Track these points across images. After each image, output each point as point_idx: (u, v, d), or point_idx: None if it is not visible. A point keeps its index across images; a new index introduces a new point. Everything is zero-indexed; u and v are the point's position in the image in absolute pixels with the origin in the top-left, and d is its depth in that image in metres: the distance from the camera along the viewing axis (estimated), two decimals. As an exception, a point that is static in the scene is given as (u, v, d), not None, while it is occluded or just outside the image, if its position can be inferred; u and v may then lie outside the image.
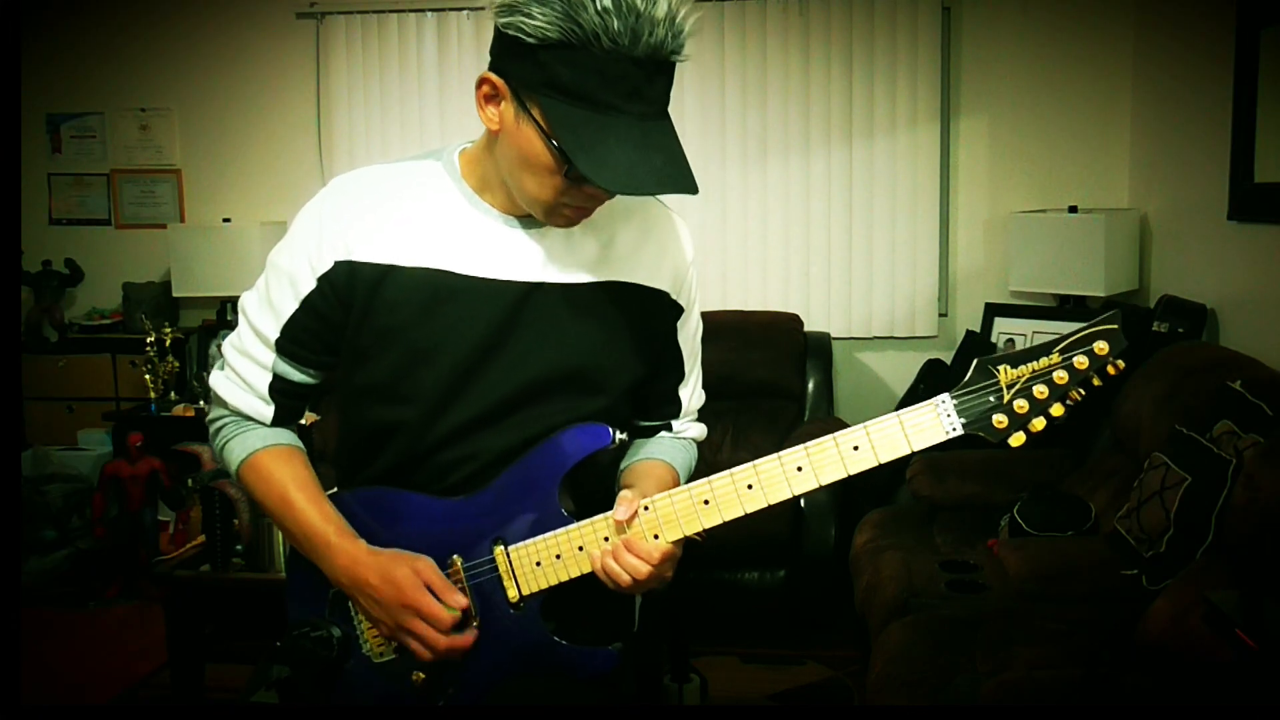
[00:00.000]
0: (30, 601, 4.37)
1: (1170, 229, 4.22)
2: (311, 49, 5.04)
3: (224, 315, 5.01)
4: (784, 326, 4.62)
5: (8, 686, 1.88)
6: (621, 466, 1.62)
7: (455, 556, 1.48)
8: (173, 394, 4.77)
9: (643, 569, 1.39)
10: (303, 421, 1.61)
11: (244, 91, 5.17)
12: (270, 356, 1.52)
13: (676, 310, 1.59)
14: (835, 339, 4.76)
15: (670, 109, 1.40)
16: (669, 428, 1.67)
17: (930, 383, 4.44)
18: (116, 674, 3.77)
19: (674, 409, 1.66)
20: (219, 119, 5.21)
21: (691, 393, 1.67)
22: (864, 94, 4.69)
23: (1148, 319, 3.90)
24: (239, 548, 3.07)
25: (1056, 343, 1.33)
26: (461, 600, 1.45)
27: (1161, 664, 2.29)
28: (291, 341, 1.51)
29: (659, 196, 1.57)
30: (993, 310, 4.62)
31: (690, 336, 1.64)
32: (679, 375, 1.64)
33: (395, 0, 4.92)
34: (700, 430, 1.71)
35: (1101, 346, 1.32)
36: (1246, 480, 2.44)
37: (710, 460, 1.69)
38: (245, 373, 1.54)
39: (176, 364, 4.80)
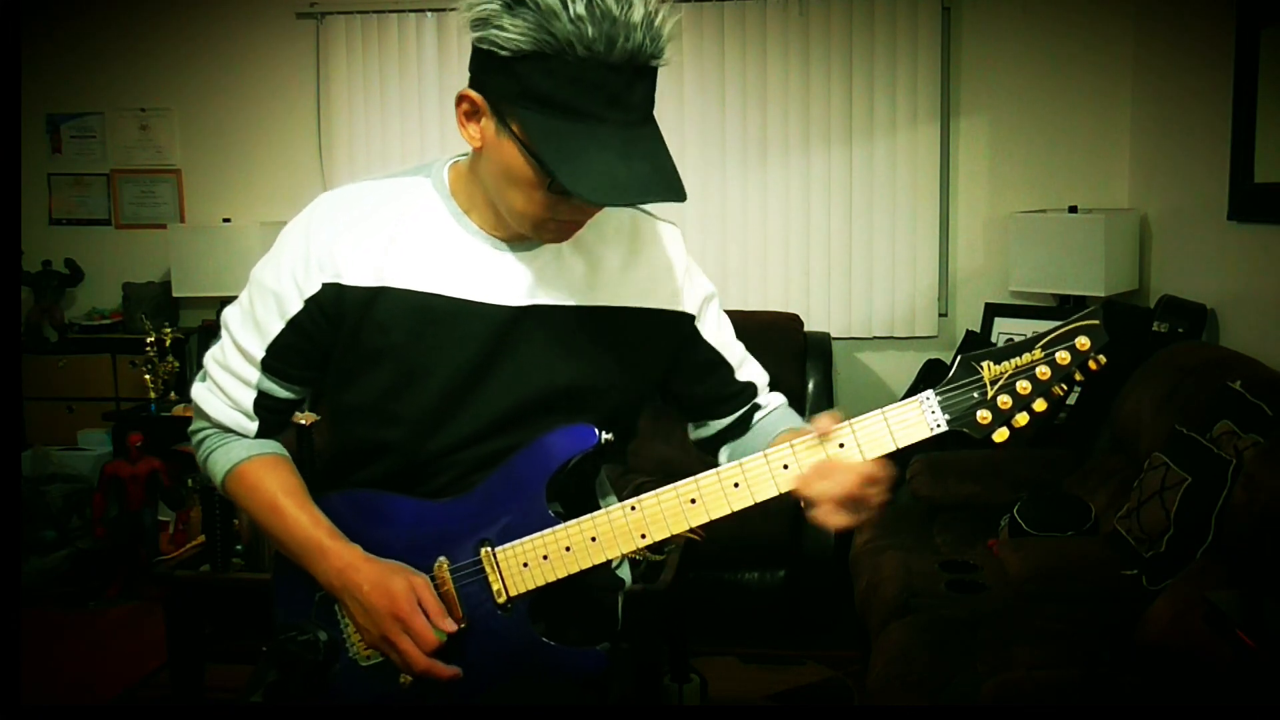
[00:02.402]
0: (31, 601, 4.38)
1: (1170, 229, 4.23)
2: (311, 49, 5.07)
3: (223, 315, 5.04)
4: (784, 326, 4.63)
5: (8, 686, 1.88)
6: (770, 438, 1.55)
7: (441, 559, 1.48)
8: (173, 394, 4.79)
9: (845, 485, 1.34)
10: (302, 421, 1.61)
11: (244, 91, 5.20)
12: (255, 374, 1.51)
13: (683, 319, 1.57)
14: (835, 339, 4.78)
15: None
16: (757, 408, 1.65)
17: (930, 383, 4.45)
18: (117, 673, 3.79)
19: (750, 394, 1.64)
20: (219, 119, 5.24)
21: (754, 371, 1.65)
22: (864, 94, 4.72)
23: (1148, 319, 3.91)
24: (239, 548, 3.06)
25: (1039, 338, 1.34)
26: (451, 626, 1.44)
27: (1162, 664, 2.28)
28: (277, 360, 1.50)
29: (645, 208, 1.56)
30: (993, 310, 4.65)
31: (715, 330, 1.61)
32: (727, 368, 1.62)
33: (395, 0, 4.95)
34: (781, 398, 1.68)
35: (1083, 341, 1.32)
36: (1246, 480, 2.45)
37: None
38: (229, 388, 1.53)
39: (176, 364, 4.81)
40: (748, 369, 1.65)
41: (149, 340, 4.73)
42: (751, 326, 4.73)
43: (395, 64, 4.97)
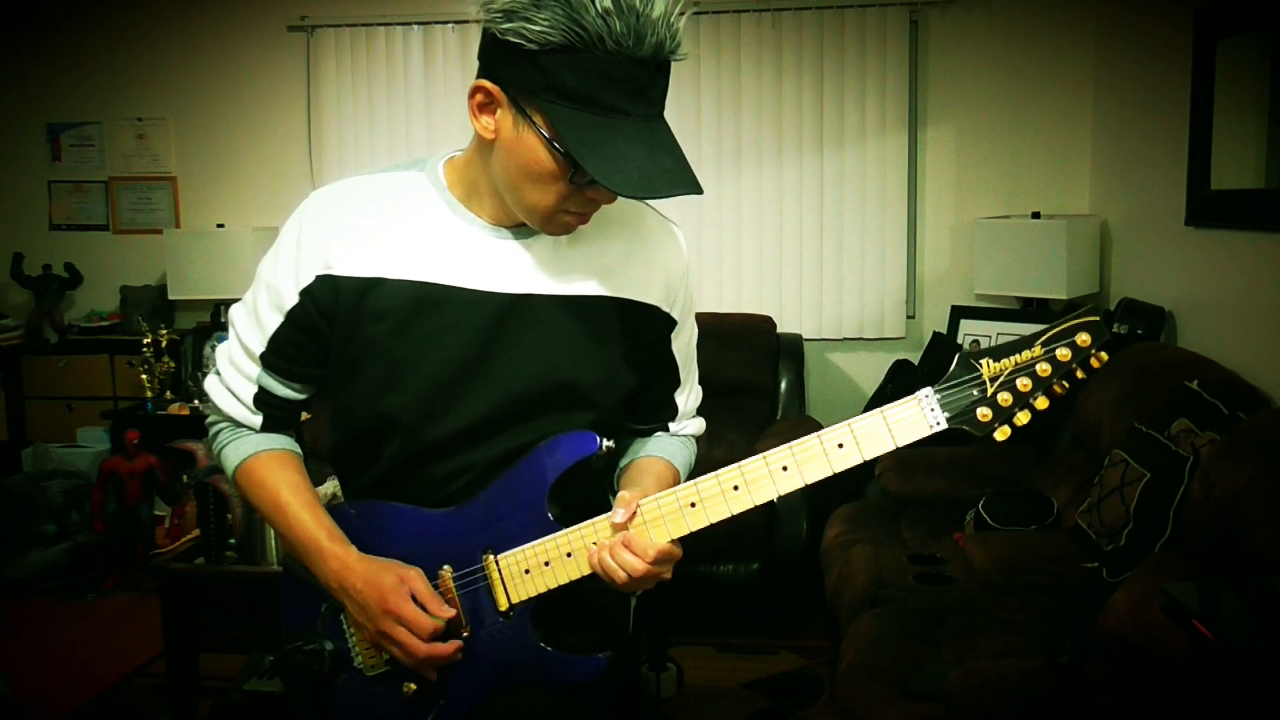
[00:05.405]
0: (33, 592, 4.43)
1: (1130, 234, 4.24)
2: (302, 60, 5.11)
3: (218, 317, 5.06)
4: (758, 328, 4.67)
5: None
6: (621, 464, 1.60)
7: (446, 567, 1.47)
8: (168, 393, 4.81)
9: (638, 566, 1.37)
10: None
11: (237, 101, 5.23)
12: (255, 370, 1.52)
13: (669, 323, 1.55)
14: (807, 340, 4.81)
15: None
16: (666, 428, 1.64)
17: (898, 382, 4.49)
18: (114, 662, 3.82)
19: (670, 413, 1.63)
20: (213, 128, 5.27)
21: (688, 396, 1.64)
22: (835, 104, 4.74)
23: (1108, 321, 3.88)
24: (232, 541, 3.07)
25: (1039, 335, 1.30)
26: (448, 611, 1.44)
27: (1121, 653, 2.31)
28: (277, 355, 1.50)
29: (654, 205, 1.57)
30: (958, 312, 4.67)
31: (684, 344, 1.61)
32: (674, 382, 1.61)
33: (383, 13, 4.98)
34: (699, 425, 1.68)
35: (1084, 338, 1.29)
36: (1203, 476, 2.45)
37: (688, 457, 1.65)
38: (233, 382, 1.54)
39: (172, 364, 4.85)
40: (687, 393, 1.65)
41: (146, 341, 4.75)
42: (726, 328, 4.87)
43: (383, 74, 5.01)
